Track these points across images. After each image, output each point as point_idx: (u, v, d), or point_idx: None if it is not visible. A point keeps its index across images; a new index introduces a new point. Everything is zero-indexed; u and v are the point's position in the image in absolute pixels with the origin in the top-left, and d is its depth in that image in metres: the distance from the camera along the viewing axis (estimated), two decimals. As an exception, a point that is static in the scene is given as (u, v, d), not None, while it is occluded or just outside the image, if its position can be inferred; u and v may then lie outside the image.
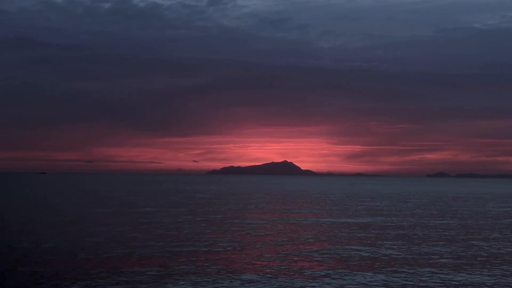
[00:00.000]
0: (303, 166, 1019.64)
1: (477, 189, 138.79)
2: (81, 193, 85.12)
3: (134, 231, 31.28)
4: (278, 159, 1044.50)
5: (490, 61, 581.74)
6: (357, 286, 17.50)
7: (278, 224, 36.45)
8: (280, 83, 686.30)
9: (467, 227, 36.46)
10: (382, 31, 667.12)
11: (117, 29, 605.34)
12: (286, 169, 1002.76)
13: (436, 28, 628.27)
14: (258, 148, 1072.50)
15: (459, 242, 28.30)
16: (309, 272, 19.48)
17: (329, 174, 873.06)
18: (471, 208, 56.32)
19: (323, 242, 27.55)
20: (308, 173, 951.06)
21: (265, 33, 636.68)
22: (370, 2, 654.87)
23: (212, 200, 67.28)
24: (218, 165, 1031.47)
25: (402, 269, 20.25)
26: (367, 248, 25.38)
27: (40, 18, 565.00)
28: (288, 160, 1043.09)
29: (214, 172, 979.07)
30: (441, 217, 43.85)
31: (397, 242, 27.78)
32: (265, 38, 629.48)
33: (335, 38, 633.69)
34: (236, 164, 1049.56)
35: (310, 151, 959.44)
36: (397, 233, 31.78)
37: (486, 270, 20.36)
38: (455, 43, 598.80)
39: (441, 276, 19.28)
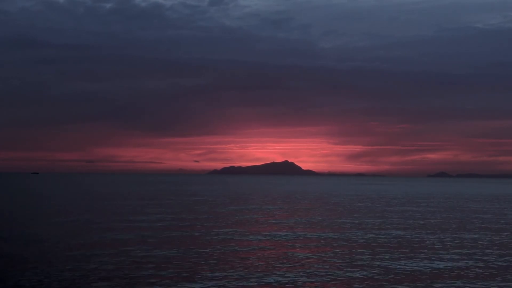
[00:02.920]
0: (304, 166, 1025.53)
1: (488, 190, 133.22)
2: (64, 196, 79.43)
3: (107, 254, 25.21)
4: (279, 159, 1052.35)
5: (492, 61, 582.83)
6: None
7: (294, 247, 29.93)
8: (282, 83, 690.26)
9: (501, 243, 30.54)
10: (384, 31, 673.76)
11: (118, 29, 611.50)
12: (287, 169, 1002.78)
13: (438, 28, 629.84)
14: (259, 148, 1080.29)
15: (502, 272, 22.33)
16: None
17: (330, 174, 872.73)
18: (494, 217, 50.39)
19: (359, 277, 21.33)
20: (309, 173, 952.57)
21: (267, 33, 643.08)
22: (372, 2, 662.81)
23: (210, 204, 61.53)
24: (219, 165, 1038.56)
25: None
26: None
27: (41, 18, 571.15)
28: (289, 160, 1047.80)
29: (215, 172, 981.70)
30: (472, 230, 37.86)
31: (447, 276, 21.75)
32: (267, 38, 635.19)
33: (337, 38, 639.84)
34: (237, 164, 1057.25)
35: (311, 151, 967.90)
36: (432, 259, 25.51)
37: None
38: (457, 43, 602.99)
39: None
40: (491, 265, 22.87)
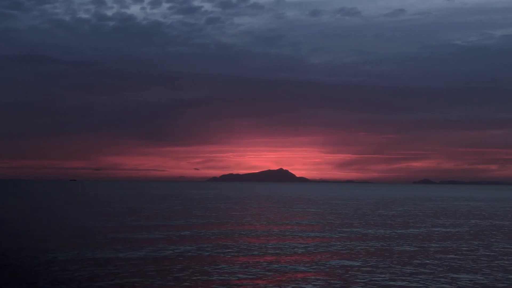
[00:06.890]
0: (298, 173, 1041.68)
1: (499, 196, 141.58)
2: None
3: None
4: (274, 167, 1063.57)
5: (470, 75, 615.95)
6: None
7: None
8: (274, 96, 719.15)
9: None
10: (369, 48, 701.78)
11: (121, 45, 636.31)
12: (282, 176, 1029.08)
13: (419, 45, 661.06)
14: (255, 157, 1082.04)
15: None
16: None
17: (322, 181, 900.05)
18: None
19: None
20: (302, 180, 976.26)
21: (260, 49, 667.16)
22: (357, 20, 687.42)
23: (211, 211, 57.37)
24: (218, 172, 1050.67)
25: None
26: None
27: (49, 36, 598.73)
28: (284, 168, 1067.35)
29: (214, 179, 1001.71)
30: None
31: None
32: (260, 54, 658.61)
33: (325, 54, 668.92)
34: (235, 171, 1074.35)
35: (304, 159, 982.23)
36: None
37: None
38: (438, 59, 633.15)
39: None
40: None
